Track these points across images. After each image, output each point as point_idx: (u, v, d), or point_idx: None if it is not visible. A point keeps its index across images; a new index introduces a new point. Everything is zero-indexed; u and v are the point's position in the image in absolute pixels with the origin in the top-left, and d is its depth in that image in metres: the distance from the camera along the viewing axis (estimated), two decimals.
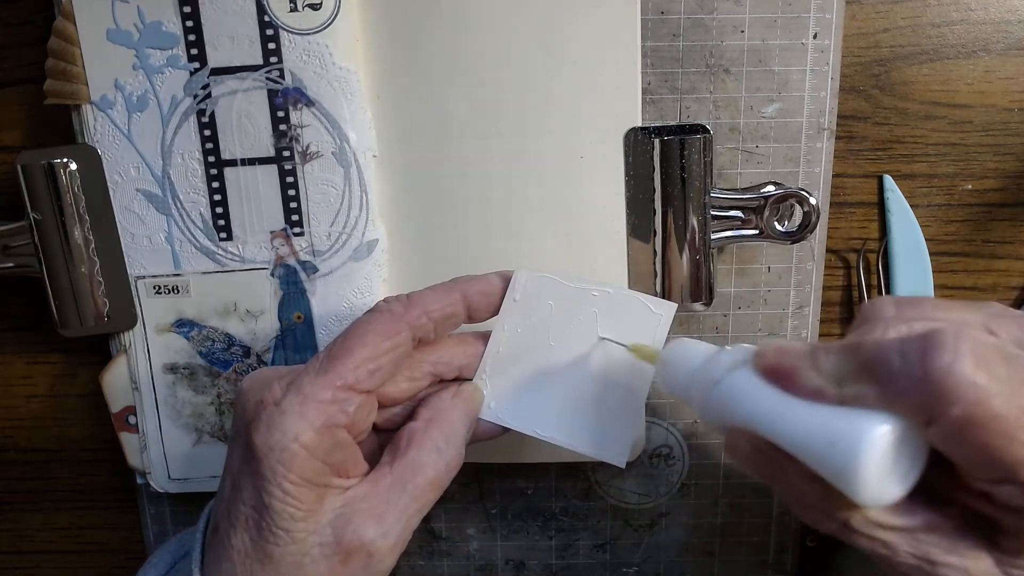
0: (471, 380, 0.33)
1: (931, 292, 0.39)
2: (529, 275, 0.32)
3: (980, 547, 0.24)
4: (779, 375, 0.24)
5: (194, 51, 0.35)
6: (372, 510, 0.28)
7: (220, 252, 0.38)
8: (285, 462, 0.27)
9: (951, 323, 0.24)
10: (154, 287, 0.38)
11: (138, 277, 0.38)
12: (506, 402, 0.33)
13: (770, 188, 0.37)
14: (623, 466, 0.33)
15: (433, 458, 0.29)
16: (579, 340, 0.33)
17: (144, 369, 0.39)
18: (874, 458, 0.22)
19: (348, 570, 0.28)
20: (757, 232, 0.37)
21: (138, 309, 0.38)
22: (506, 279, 0.32)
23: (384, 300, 0.31)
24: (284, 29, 0.35)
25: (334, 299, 0.38)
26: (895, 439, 0.22)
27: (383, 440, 0.32)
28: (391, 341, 0.29)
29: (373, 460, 0.30)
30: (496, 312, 0.32)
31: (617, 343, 0.32)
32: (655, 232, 0.37)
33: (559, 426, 0.33)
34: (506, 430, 0.33)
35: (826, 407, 0.23)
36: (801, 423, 0.23)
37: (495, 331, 0.33)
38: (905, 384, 0.21)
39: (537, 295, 0.32)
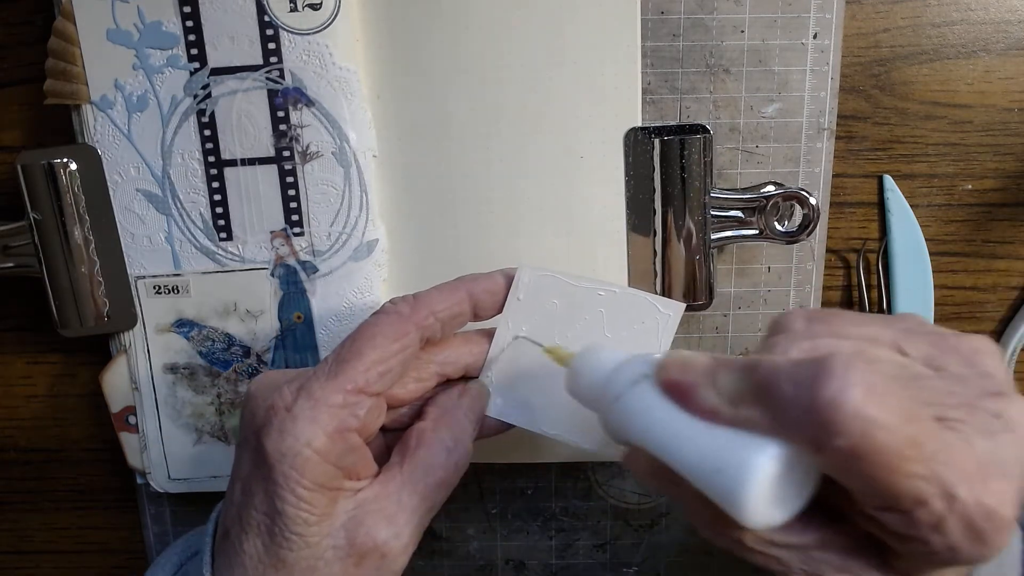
0: (477, 378, 0.33)
1: (931, 292, 0.39)
2: (533, 273, 0.32)
3: (872, 566, 0.23)
4: (678, 392, 0.24)
5: (194, 51, 0.35)
6: (383, 511, 0.28)
7: (220, 252, 0.38)
8: (298, 468, 0.27)
9: (855, 343, 0.23)
10: (154, 287, 0.38)
11: (138, 277, 0.38)
12: (512, 399, 0.33)
13: (770, 188, 0.37)
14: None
15: (442, 458, 0.29)
16: (585, 339, 0.32)
17: (144, 369, 0.39)
18: (760, 486, 0.21)
19: (362, 572, 0.28)
20: (757, 232, 0.37)
21: (138, 309, 0.38)
22: (510, 277, 0.32)
23: (391, 301, 0.31)
24: (284, 29, 0.35)
25: (334, 299, 0.38)
26: (783, 466, 0.21)
27: (390, 440, 0.32)
28: (400, 343, 0.29)
29: (380, 460, 0.30)
30: (501, 310, 0.32)
31: (534, 342, 0.32)
32: (655, 232, 0.37)
33: (564, 423, 0.33)
34: (511, 426, 0.33)
35: (719, 430, 0.23)
36: (692, 445, 0.23)
37: (499, 329, 0.33)
38: (793, 413, 0.20)
39: (541, 294, 0.32)
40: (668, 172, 0.36)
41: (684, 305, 0.32)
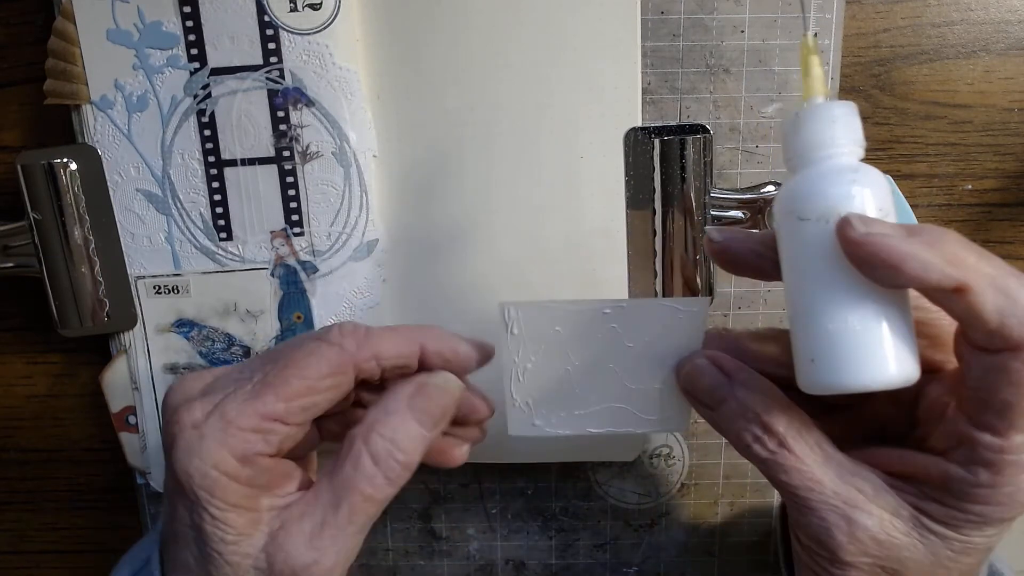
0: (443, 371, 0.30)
1: None
2: (519, 306, 0.30)
3: (906, 503, 0.25)
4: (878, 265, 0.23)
5: (194, 51, 0.35)
6: (305, 532, 0.26)
7: (220, 252, 0.38)
8: (207, 488, 0.26)
9: None
10: (154, 287, 0.38)
11: (138, 277, 0.38)
12: (546, 415, 0.31)
13: (770, 188, 0.37)
14: (685, 430, 0.32)
15: (368, 472, 0.27)
16: (603, 355, 0.30)
17: (144, 369, 0.39)
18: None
19: None
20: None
21: (138, 309, 0.38)
22: (472, 349, 0.30)
23: (339, 330, 0.28)
24: (284, 29, 0.35)
25: (334, 299, 0.38)
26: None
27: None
28: (332, 379, 0.27)
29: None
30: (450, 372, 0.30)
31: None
32: (655, 232, 0.37)
33: (608, 419, 0.31)
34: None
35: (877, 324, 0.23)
36: (842, 309, 0.23)
37: (506, 366, 0.31)
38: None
39: (538, 324, 0.30)
40: (668, 172, 0.36)
41: (708, 299, 0.30)
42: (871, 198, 0.24)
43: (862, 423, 0.29)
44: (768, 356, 0.28)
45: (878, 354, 0.23)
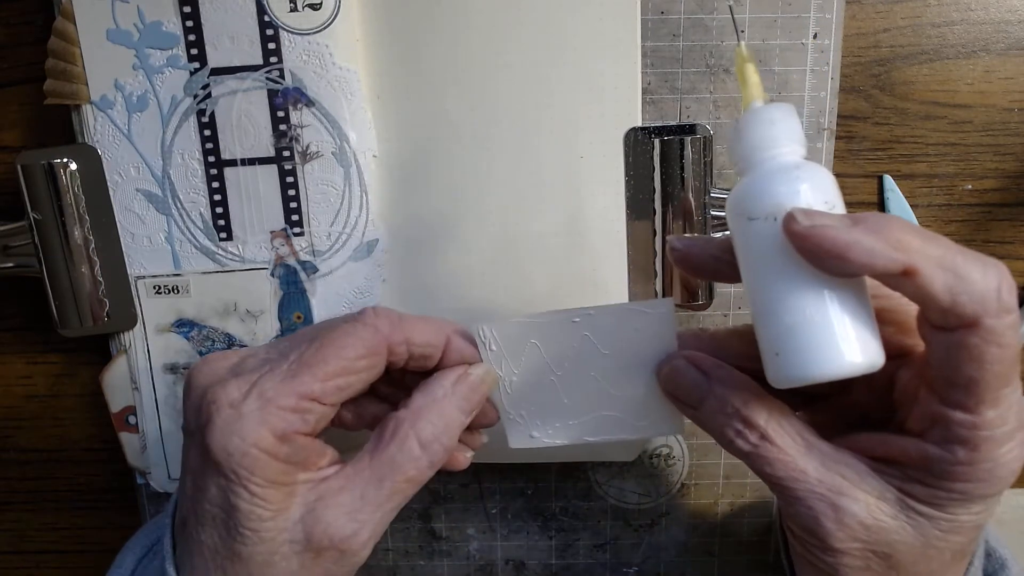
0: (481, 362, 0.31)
1: None
2: (491, 325, 0.31)
3: (891, 486, 0.25)
4: (822, 255, 0.23)
5: (194, 51, 0.35)
6: (345, 505, 0.27)
7: (220, 252, 0.38)
8: (247, 466, 0.26)
9: None
10: (154, 287, 0.38)
11: (138, 277, 0.38)
12: (541, 426, 0.32)
13: None
14: (681, 432, 0.32)
15: (415, 454, 0.28)
16: (583, 364, 0.31)
17: (144, 369, 0.39)
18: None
19: (320, 564, 0.27)
20: None
21: (138, 309, 0.38)
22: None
23: (373, 311, 0.29)
24: (284, 29, 0.35)
25: (334, 299, 0.38)
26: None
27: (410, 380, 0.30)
28: (367, 360, 0.28)
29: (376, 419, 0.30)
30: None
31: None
32: (655, 232, 0.37)
33: (602, 427, 0.32)
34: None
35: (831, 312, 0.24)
36: (797, 301, 0.24)
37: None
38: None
39: (514, 340, 0.31)
40: (668, 172, 0.36)
41: (672, 299, 0.30)
42: (815, 192, 0.24)
43: (844, 411, 0.29)
44: (745, 352, 0.28)
45: (839, 343, 0.23)
